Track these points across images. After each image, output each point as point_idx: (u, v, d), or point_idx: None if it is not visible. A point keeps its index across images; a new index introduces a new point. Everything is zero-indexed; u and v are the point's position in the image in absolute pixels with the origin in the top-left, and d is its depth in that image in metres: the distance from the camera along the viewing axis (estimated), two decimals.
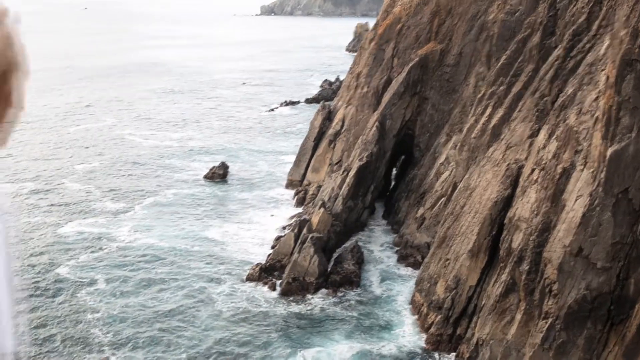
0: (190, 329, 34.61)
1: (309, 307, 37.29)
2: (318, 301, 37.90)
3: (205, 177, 61.64)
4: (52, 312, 36.23)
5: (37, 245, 45.40)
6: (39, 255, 43.78)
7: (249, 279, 40.35)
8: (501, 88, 37.82)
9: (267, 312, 36.67)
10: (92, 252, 44.24)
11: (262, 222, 50.20)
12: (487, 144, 36.71)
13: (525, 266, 28.12)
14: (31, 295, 38.26)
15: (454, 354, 31.76)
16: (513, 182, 32.24)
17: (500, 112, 36.72)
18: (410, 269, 41.47)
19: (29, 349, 32.16)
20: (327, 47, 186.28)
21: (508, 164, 33.10)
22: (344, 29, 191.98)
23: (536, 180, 29.88)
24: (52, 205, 53.96)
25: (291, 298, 38.11)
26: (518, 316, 28.19)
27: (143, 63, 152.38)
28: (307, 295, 38.36)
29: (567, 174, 27.85)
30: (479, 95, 40.73)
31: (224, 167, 62.51)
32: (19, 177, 61.49)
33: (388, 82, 51.36)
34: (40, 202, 54.73)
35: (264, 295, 38.59)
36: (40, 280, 40.05)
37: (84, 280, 39.92)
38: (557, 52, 33.74)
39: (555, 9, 36.02)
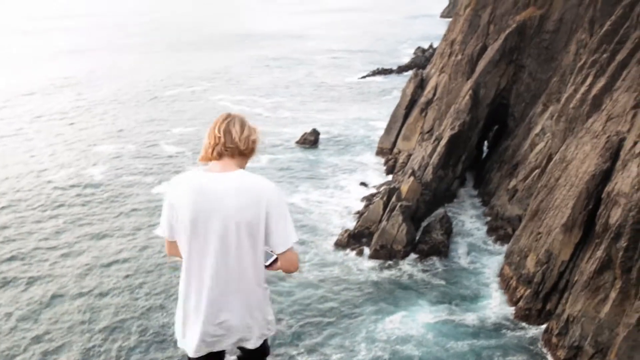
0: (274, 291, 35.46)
1: (397, 274, 37.39)
2: (407, 268, 37.92)
3: (297, 142, 62.42)
4: (144, 263, 38.08)
5: (132, 202, 47.59)
6: (134, 212, 45.86)
7: (338, 244, 40.82)
8: (604, 56, 35.99)
9: (356, 277, 37.06)
10: None
11: (350, 189, 50.38)
12: (587, 114, 35.17)
13: (622, 243, 26.98)
14: (125, 249, 40.34)
15: (543, 328, 31.08)
16: (613, 155, 30.83)
17: (602, 81, 35.02)
18: (499, 241, 40.68)
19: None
20: (421, 14, 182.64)
21: (608, 136, 31.64)
22: None
23: (639, 154, 28.47)
24: (148, 166, 56.14)
25: (381, 262, 38.33)
26: (613, 294, 27.17)
27: (240, 32, 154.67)
28: (396, 261, 38.46)
29: None
30: (580, 64, 38.95)
31: (315, 133, 63.02)
32: (120, 139, 64.29)
33: (483, 50, 49.93)
34: (137, 162, 57.06)
35: (353, 260, 38.97)
36: (135, 237, 42.01)
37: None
38: None
39: None
